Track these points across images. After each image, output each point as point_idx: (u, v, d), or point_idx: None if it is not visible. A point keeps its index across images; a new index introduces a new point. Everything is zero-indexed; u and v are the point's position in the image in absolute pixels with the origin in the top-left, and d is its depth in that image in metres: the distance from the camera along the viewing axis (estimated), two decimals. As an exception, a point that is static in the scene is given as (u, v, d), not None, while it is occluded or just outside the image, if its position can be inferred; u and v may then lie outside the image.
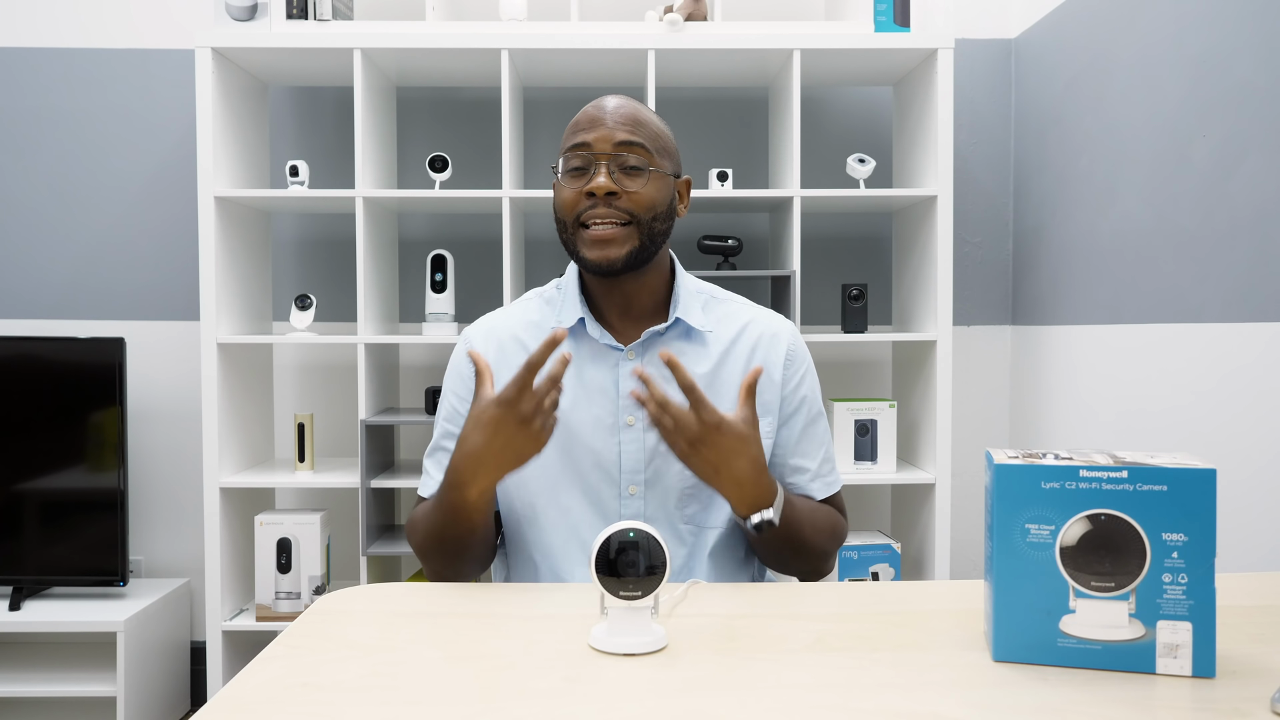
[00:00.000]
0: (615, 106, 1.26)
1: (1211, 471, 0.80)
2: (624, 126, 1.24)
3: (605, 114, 1.25)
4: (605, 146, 1.23)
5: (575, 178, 1.25)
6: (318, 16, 2.29)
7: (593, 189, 1.22)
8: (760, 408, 1.29)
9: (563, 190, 1.26)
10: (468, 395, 1.32)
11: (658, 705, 0.77)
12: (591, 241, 1.23)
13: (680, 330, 1.30)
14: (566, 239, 1.27)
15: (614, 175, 1.23)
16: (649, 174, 1.24)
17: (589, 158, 1.24)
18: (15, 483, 2.38)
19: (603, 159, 1.23)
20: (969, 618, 0.97)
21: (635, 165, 1.24)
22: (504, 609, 1.03)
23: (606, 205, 1.22)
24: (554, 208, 1.28)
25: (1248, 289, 1.67)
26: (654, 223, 1.25)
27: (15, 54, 2.60)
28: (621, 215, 1.23)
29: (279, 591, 2.33)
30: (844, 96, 2.72)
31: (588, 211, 1.23)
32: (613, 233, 1.23)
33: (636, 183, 1.24)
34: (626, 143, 1.24)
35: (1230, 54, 1.71)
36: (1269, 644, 0.90)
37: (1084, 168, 2.23)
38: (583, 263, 1.26)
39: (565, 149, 1.26)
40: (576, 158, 1.24)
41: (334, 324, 2.62)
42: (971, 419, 2.67)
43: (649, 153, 1.25)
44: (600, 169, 1.23)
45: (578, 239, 1.25)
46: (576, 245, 1.25)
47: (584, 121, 1.26)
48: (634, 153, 1.24)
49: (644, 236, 1.25)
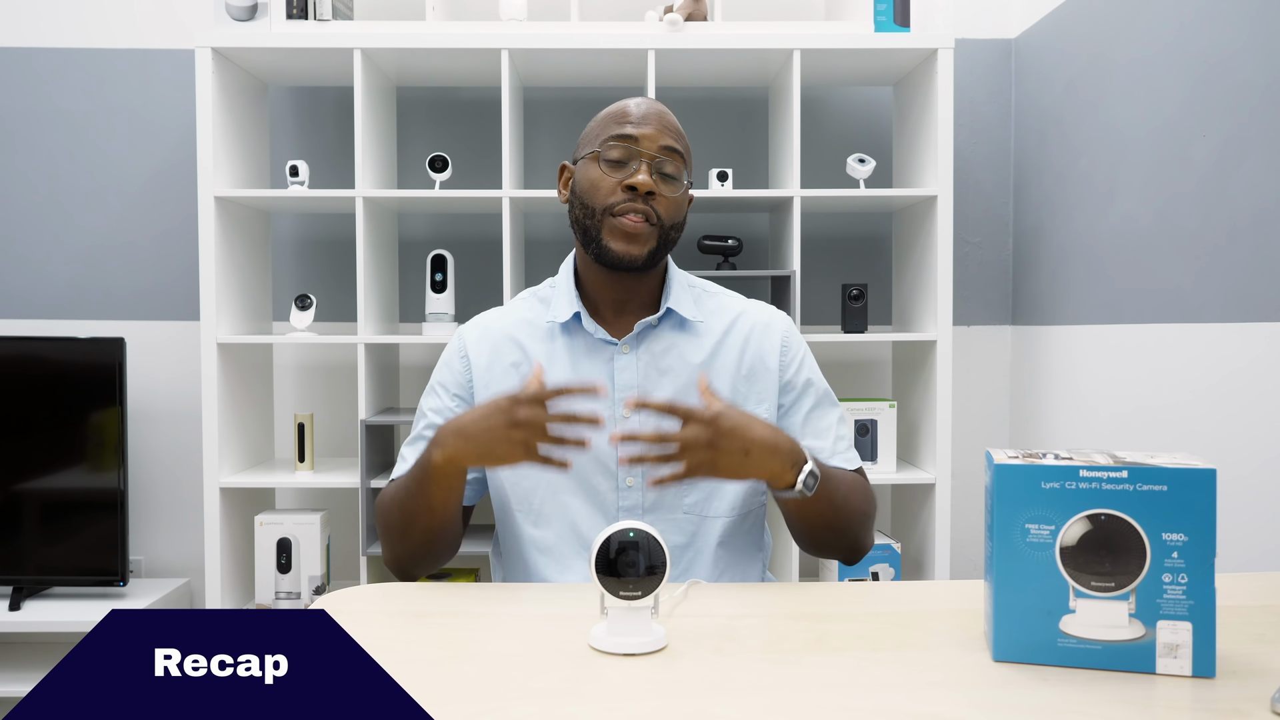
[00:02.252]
0: (660, 111, 1.28)
1: (1211, 471, 0.80)
2: (669, 133, 1.26)
3: (655, 114, 1.27)
4: (652, 146, 1.24)
5: (615, 168, 1.25)
6: (318, 16, 2.29)
7: (635, 184, 1.22)
8: (756, 395, 1.31)
9: (596, 176, 1.25)
10: (456, 390, 1.32)
11: (658, 705, 0.77)
12: (621, 233, 1.24)
13: (673, 321, 1.31)
14: (590, 225, 1.26)
15: (654, 176, 1.24)
16: (679, 184, 1.27)
17: (634, 152, 1.24)
18: (15, 483, 2.38)
19: (647, 158, 1.24)
20: (969, 618, 0.97)
21: (671, 174, 1.26)
22: (504, 609, 1.03)
23: (643, 203, 1.23)
24: (578, 191, 1.28)
25: (1248, 289, 1.67)
26: (672, 231, 1.28)
27: (15, 54, 2.60)
28: (652, 215, 1.24)
29: (279, 591, 2.33)
30: (844, 96, 2.72)
31: (621, 205, 1.23)
32: (643, 229, 1.24)
33: (670, 189, 1.26)
34: (670, 149, 1.25)
35: (1230, 54, 1.71)
36: (1269, 644, 0.90)
37: (1084, 168, 2.23)
38: (604, 252, 1.25)
39: (610, 136, 1.26)
40: (621, 149, 1.25)
41: (334, 324, 2.62)
42: (971, 419, 2.67)
43: (683, 163, 1.27)
44: (643, 166, 1.23)
45: (604, 226, 1.25)
46: (602, 233, 1.25)
47: (634, 115, 1.26)
48: (674, 161, 1.26)
49: (662, 241, 1.26)
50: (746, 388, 1.30)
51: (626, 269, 1.26)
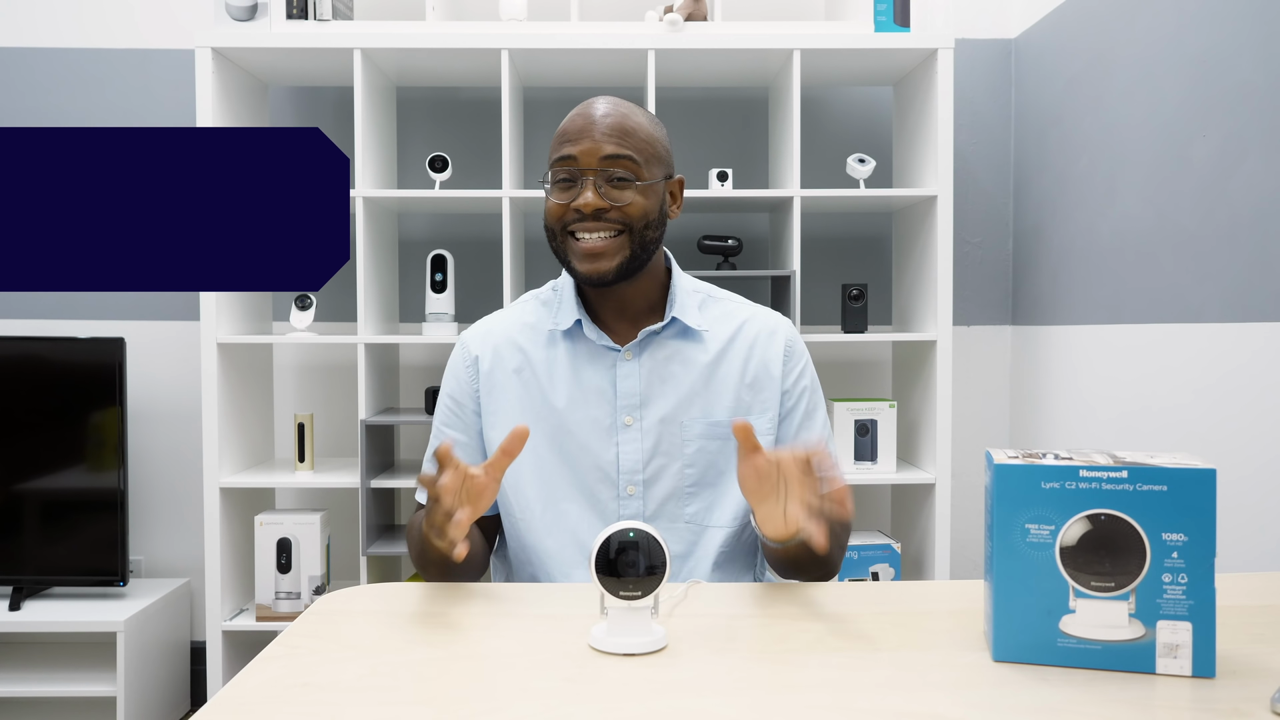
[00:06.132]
0: (602, 115, 1.23)
1: (1211, 471, 0.80)
2: (611, 139, 1.22)
3: (593, 124, 1.22)
4: (591, 161, 1.21)
5: (563, 190, 1.24)
6: (318, 16, 2.29)
7: (579, 206, 1.21)
8: (760, 405, 1.30)
9: (550, 201, 1.25)
10: (463, 399, 1.32)
11: (658, 705, 0.77)
12: (582, 254, 1.22)
13: (677, 329, 1.30)
14: (556, 248, 1.26)
15: (601, 190, 1.21)
16: (636, 186, 1.23)
17: (575, 172, 1.22)
18: (15, 483, 2.38)
19: (589, 173, 1.21)
20: (969, 618, 0.97)
21: (623, 177, 1.22)
22: (504, 609, 1.03)
23: (595, 219, 1.21)
24: (544, 215, 1.28)
25: (1248, 289, 1.67)
26: (645, 231, 1.24)
27: (15, 54, 2.60)
28: (613, 227, 1.22)
29: (279, 591, 2.33)
30: (844, 96, 2.72)
31: (576, 224, 1.22)
32: (603, 245, 1.22)
33: (625, 195, 1.22)
34: (613, 156, 1.21)
35: (1230, 54, 1.71)
36: (1269, 644, 0.90)
37: (1084, 168, 2.23)
38: (574, 273, 1.26)
39: (552, 160, 1.24)
40: (563, 171, 1.23)
41: (334, 324, 2.62)
42: (971, 419, 2.67)
43: (637, 164, 1.22)
44: (587, 184, 1.21)
45: (568, 249, 1.24)
46: (567, 255, 1.25)
47: (571, 132, 1.23)
48: (621, 166, 1.22)
49: (635, 245, 1.24)
50: (751, 397, 1.29)
51: (600, 285, 1.25)
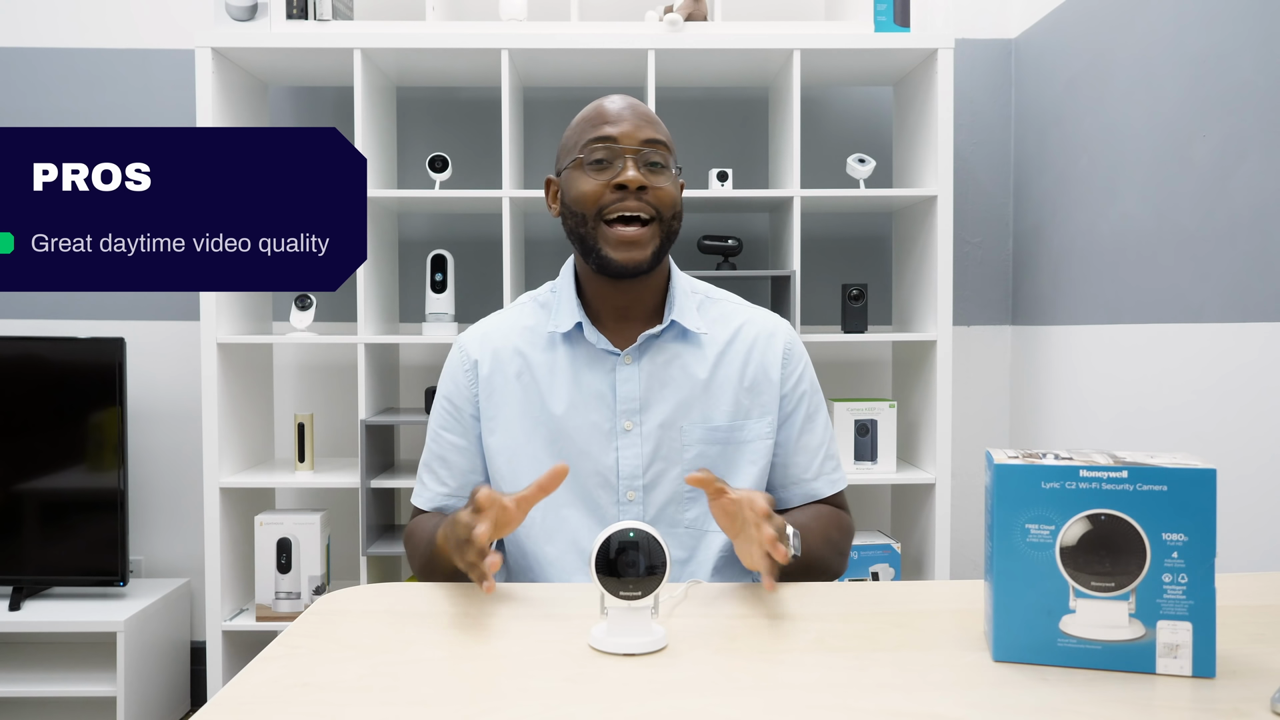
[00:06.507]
0: (633, 104, 1.26)
1: (1211, 471, 0.80)
2: (648, 124, 1.24)
3: (629, 107, 1.25)
4: (633, 141, 1.22)
5: (599, 170, 1.23)
6: (318, 16, 2.29)
7: (625, 181, 1.20)
8: (759, 409, 1.29)
9: (583, 182, 1.23)
10: (461, 403, 1.31)
11: (658, 705, 0.77)
12: (618, 242, 1.21)
13: (676, 332, 1.29)
14: (585, 233, 1.24)
15: (641, 170, 1.22)
16: (668, 173, 1.25)
17: (616, 150, 1.22)
18: (15, 483, 2.38)
19: (629, 153, 1.22)
20: (969, 618, 0.97)
21: (659, 162, 1.23)
22: (504, 609, 1.03)
23: (635, 199, 1.21)
24: (567, 201, 1.26)
25: (1248, 289, 1.67)
26: (673, 220, 1.25)
27: (15, 54, 2.60)
28: (648, 210, 1.22)
29: (279, 591, 2.32)
30: (844, 96, 2.72)
31: (614, 205, 1.21)
32: (638, 234, 1.22)
33: (661, 179, 1.23)
34: (652, 140, 1.23)
35: (1230, 54, 1.71)
36: (1269, 644, 0.90)
37: (1084, 168, 2.23)
38: (606, 262, 1.23)
39: (588, 141, 1.24)
40: (602, 149, 1.22)
41: (334, 324, 2.62)
42: (971, 419, 2.67)
43: (669, 151, 1.25)
44: (628, 162, 1.21)
45: (599, 236, 1.22)
46: (598, 242, 1.23)
47: (610, 115, 1.24)
48: (658, 150, 1.23)
49: (664, 235, 1.24)
50: (750, 401, 1.29)
51: (631, 276, 1.24)
